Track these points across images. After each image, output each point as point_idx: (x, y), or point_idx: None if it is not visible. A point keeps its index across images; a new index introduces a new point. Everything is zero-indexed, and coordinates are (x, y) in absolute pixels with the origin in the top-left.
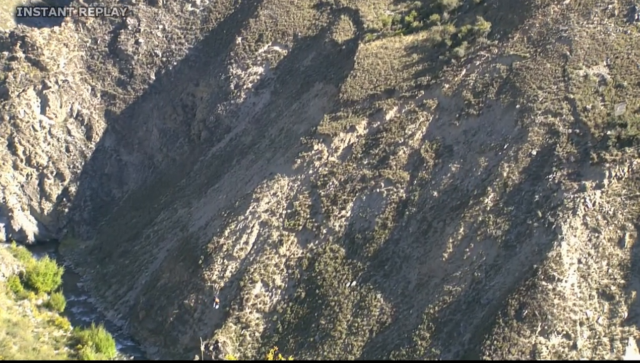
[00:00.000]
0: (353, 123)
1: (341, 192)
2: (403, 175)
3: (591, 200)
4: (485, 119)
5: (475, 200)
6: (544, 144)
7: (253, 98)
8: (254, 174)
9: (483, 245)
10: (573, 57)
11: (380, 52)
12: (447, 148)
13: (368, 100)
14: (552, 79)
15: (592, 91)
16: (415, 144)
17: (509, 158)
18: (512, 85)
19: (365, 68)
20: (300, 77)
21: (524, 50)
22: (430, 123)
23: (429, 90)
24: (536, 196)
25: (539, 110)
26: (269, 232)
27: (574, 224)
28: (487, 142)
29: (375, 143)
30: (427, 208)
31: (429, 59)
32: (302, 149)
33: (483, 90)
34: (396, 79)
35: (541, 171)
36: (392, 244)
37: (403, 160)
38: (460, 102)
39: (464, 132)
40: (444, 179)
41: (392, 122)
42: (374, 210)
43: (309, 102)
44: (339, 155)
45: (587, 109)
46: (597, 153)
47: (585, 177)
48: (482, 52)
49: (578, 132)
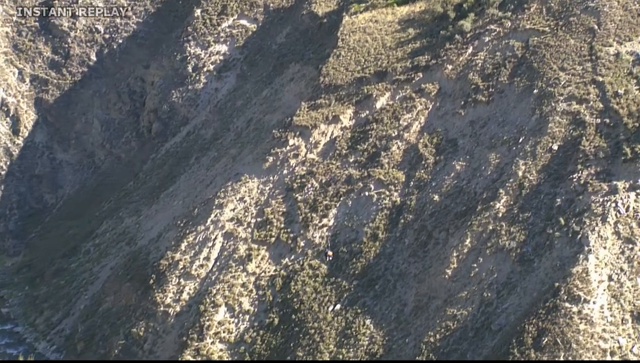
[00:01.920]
0: (336, 112)
1: (322, 196)
2: (397, 176)
3: (624, 204)
4: (496, 107)
5: (485, 205)
6: (567, 137)
7: (215, 83)
8: (217, 175)
9: (494, 260)
10: (602, 31)
11: (369, 27)
12: (451, 142)
13: (354, 84)
14: (577, 58)
15: (624, 72)
16: (411, 137)
17: (525, 154)
18: (528, 66)
19: (351, 46)
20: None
21: (543, 24)
22: (430, 112)
23: (428, 73)
24: (558, 200)
25: (560, 95)
26: (234, 245)
27: (603, 233)
28: (498, 135)
29: (364, 137)
30: (427, 215)
31: (428, 34)
32: (275, 145)
33: (493, 72)
34: (388, 58)
35: (564, 170)
36: (384, 259)
37: (397, 158)
38: (466, 87)
39: (470, 123)
40: (446, 180)
41: (383, 111)
42: (362, 217)
43: (283, 87)
44: (320, 151)
45: (619, 94)
46: (631, 147)
47: (616, 176)
48: (492, 26)
49: (608, 122)
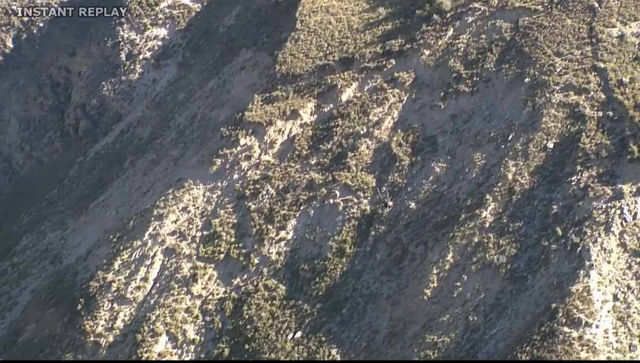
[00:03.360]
0: (295, 106)
1: (279, 204)
2: (367, 180)
3: (631, 211)
4: (481, 99)
5: (469, 213)
6: (564, 133)
7: (153, 73)
8: (156, 181)
9: (481, 277)
10: (603, 10)
11: (333, 6)
12: (429, 140)
13: (316, 73)
14: (575, 42)
15: (629, 58)
16: (383, 135)
17: (516, 153)
18: (518, 51)
19: (312, 28)
20: (220, 42)
21: (535, 1)
22: (405, 105)
23: (402, 59)
24: (554, 207)
25: (556, 85)
26: (177, 263)
27: (607, 245)
28: (484, 131)
29: (327, 135)
30: (402, 226)
31: (402, 14)
32: (223, 145)
33: (478, 58)
34: (356, 43)
35: (561, 171)
36: (352, 278)
37: (366, 159)
38: (447, 76)
39: (451, 118)
40: (424, 184)
41: (350, 104)
42: (327, 229)
43: (232, 77)
44: (276, 152)
45: (624, 83)
46: (638, 144)
47: (622, 178)
48: (476, 4)
49: (611, 116)
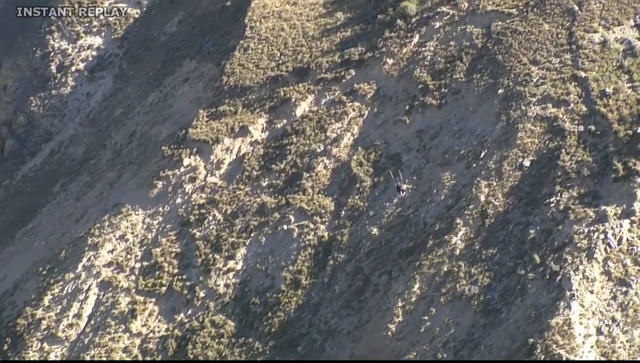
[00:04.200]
0: (245, 122)
1: (228, 231)
2: (324, 203)
3: (615, 235)
4: (450, 113)
5: (438, 239)
6: (541, 150)
7: (86, 86)
8: (90, 206)
9: (451, 310)
10: (584, 13)
11: (286, 10)
12: (393, 158)
13: (268, 86)
14: (553, 49)
15: (613, 66)
16: (342, 153)
17: (489, 172)
18: (491, 59)
19: (263, 35)
20: (161, 51)
21: (509, 4)
22: (366, 120)
23: (363, 69)
24: (531, 231)
25: (532, 96)
26: (114, 297)
27: (590, 274)
28: (454, 148)
29: (281, 153)
30: (363, 254)
31: (363, 19)
32: (165, 166)
33: (447, 68)
34: (311, 52)
35: (538, 192)
36: (308, 312)
37: (324, 180)
38: (412, 87)
39: (417, 134)
40: (387, 208)
41: (305, 119)
42: (280, 259)
43: (174, 90)
44: (224, 173)
45: (607, 94)
46: (622, 162)
47: (605, 199)
48: (444, 8)
49: (594, 130)
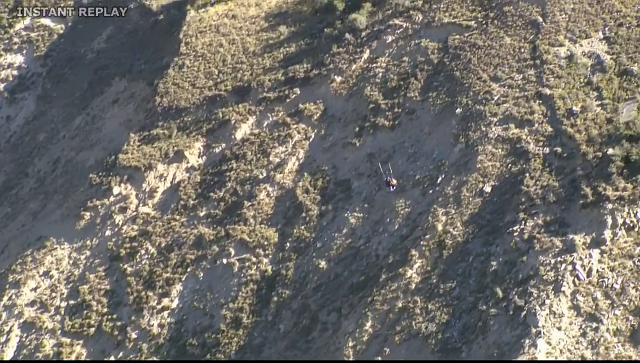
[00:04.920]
0: (180, 147)
1: (162, 266)
2: (267, 234)
3: (585, 266)
4: (404, 134)
5: (392, 272)
6: (503, 174)
7: (7, 109)
8: (11, 240)
9: (406, 350)
10: (549, 25)
11: (225, 24)
12: (342, 185)
13: (205, 107)
14: (516, 64)
15: (581, 82)
16: (286, 179)
17: (446, 199)
18: (448, 76)
19: (199, 52)
20: (89, 70)
21: (468, 16)
22: (312, 143)
23: (309, 88)
24: (493, 263)
25: (493, 116)
26: (37, 339)
27: (557, 308)
28: (408, 173)
29: (219, 180)
30: (310, 289)
31: (308, 34)
32: (93, 195)
33: (400, 86)
34: (252, 69)
35: (500, 220)
36: (250, 353)
37: (267, 209)
38: (362, 107)
39: (368, 157)
40: (337, 239)
41: (246, 143)
42: (219, 295)
43: (103, 112)
44: (157, 202)
45: (574, 113)
46: (592, 186)
47: (573, 227)
48: (396, 21)
49: (560, 152)
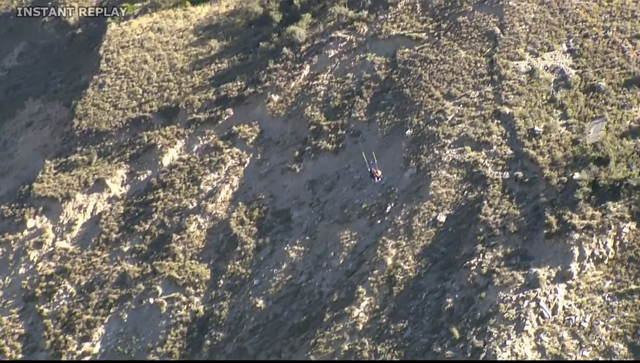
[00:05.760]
0: (101, 175)
1: (82, 307)
2: (198, 271)
3: (549, 303)
4: (349, 159)
5: (337, 312)
6: (459, 202)
7: None
8: None
9: None
10: (507, 37)
11: (149, 38)
12: (281, 216)
13: (128, 130)
14: (471, 80)
15: (543, 100)
16: (219, 210)
17: (396, 230)
18: (397, 94)
19: (122, 69)
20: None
21: (418, 27)
22: (247, 169)
23: (243, 108)
24: (448, 300)
25: (447, 138)
26: None
27: (519, 350)
28: (354, 202)
29: (145, 211)
30: (247, 331)
31: (242, 48)
32: (5, 228)
33: (344, 105)
34: (180, 88)
35: (456, 253)
36: None
37: (198, 243)
38: (302, 128)
39: (310, 185)
40: (275, 275)
41: (174, 170)
42: (146, 339)
43: (15, 137)
44: (76, 236)
45: (536, 133)
46: (556, 214)
47: (537, 260)
48: (339, 33)
49: (521, 177)
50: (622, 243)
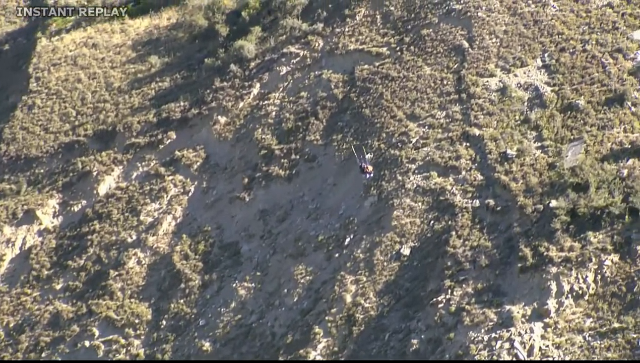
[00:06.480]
0: (31, 205)
1: (11, 350)
2: (139, 311)
3: (525, 343)
4: (303, 186)
5: (291, 354)
6: (425, 233)
7: None
8: None
9: None
10: (476, 51)
11: (84, 55)
12: (229, 249)
13: (61, 156)
14: (437, 99)
15: (516, 120)
16: (161, 243)
17: (356, 264)
18: (356, 114)
19: (54, 89)
20: None
21: (379, 41)
22: (192, 199)
23: (187, 131)
24: (414, 341)
25: (411, 162)
26: None
27: None
28: (309, 234)
29: (80, 245)
30: None
31: (185, 65)
32: None
33: (297, 127)
34: (118, 109)
35: (422, 289)
36: None
37: (138, 279)
38: (252, 153)
39: (260, 215)
40: (223, 315)
41: (112, 199)
42: None
43: None
44: (4, 273)
45: (509, 157)
46: (531, 246)
47: (510, 296)
48: (292, 48)
49: (492, 205)
50: (603, 277)
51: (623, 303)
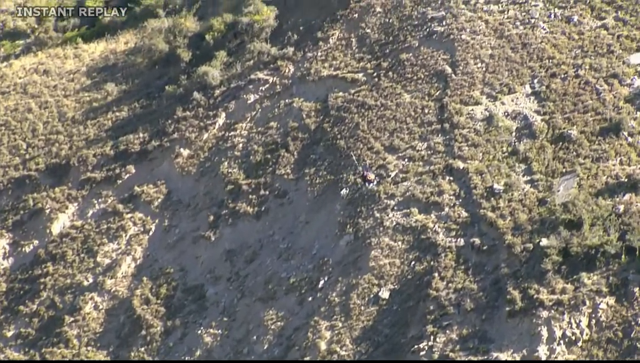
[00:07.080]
0: None
1: None
2: (96, 359)
3: None
4: (273, 224)
5: None
6: (405, 275)
7: None
8: None
9: None
10: (460, 77)
11: (34, 82)
12: (193, 293)
13: (10, 191)
14: (418, 129)
15: (503, 152)
16: (120, 289)
17: (331, 309)
18: (329, 146)
19: (1, 119)
20: None
21: (354, 67)
22: (153, 238)
23: (147, 165)
24: None
25: (390, 198)
26: None
27: None
28: (280, 276)
29: (31, 289)
30: None
31: (144, 93)
32: None
33: (267, 160)
34: (72, 141)
35: (402, 335)
36: None
37: (95, 326)
38: (218, 189)
39: (227, 256)
40: None
41: (66, 239)
42: None
43: None
44: None
45: (496, 192)
46: (520, 288)
47: (497, 343)
48: (260, 75)
49: (478, 244)
50: (598, 321)
51: (619, 350)
